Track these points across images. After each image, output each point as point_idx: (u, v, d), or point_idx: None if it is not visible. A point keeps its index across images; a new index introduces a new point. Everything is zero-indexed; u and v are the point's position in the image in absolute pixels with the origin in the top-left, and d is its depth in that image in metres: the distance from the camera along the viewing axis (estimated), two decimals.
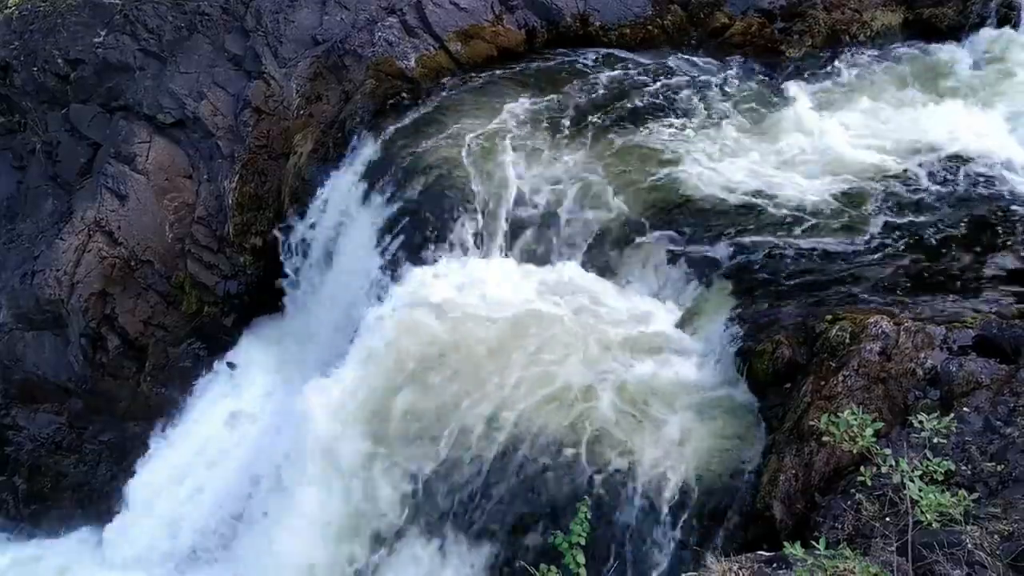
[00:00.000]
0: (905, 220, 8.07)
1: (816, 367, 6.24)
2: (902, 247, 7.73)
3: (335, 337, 9.36)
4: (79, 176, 11.94)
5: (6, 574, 10.86)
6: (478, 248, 8.69)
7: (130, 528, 10.36)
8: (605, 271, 8.29)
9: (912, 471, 3.24)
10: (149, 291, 11.52)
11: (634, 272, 8.16)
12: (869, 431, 3.30)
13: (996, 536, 4.21)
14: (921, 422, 3.36)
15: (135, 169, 11.47)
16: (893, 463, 3.20)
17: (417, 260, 8.69)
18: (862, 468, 3.37)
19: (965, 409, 5.48)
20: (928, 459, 3.34)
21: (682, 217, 8.36)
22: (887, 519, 4.65)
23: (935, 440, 3.31)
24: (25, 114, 12.73)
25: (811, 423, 5.61)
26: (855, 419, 3.31)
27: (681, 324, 7.54)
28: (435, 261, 8.58)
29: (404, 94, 10.82)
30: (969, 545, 4.04)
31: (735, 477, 6.28)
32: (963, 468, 5.01)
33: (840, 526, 5.08)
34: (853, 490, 5.23)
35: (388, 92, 10.87)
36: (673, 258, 7.99)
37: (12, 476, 11.91)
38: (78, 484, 11.59)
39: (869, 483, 3.40)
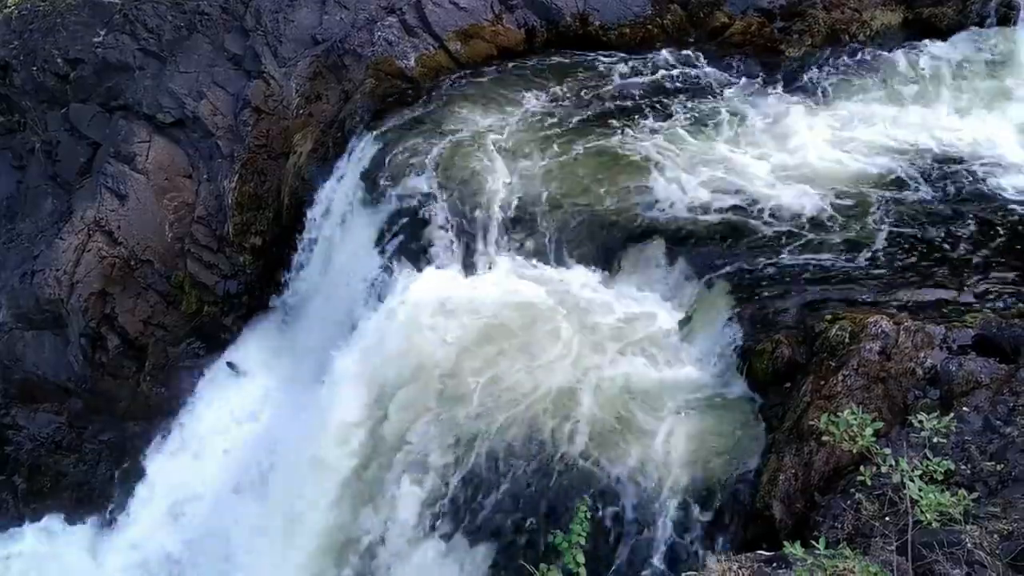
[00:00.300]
0: (905, 220, 8.06)
1: (816, 366, 6.24)
2: (902, 247, 7.72)
3: (334, 336, 9.34)
4: (79, 176, 11.94)
5: (6, 572, 10.86)
6: (470, 250, 8.69)
7: None
8: (603, 271, 8.27)
9: (912, 471, 3.24)
10: (149, 291, 11.52)
11: (633, 272, 8.15)
12: (869, 431, 3.30)
13: (996, 535, 4.22)
14: (921, 422, 3.36)
15: (135, 169, 11.47)
16: (893, 463, 3.20)
17: (410, 262, 8.70)
18: (862, 468, 3.37)
19: (965, 408, 5.48)
20: (928, 459, 3.34)
21: (680, 217, 8.34)
22: (887, 519, 4.65)
23: (935, 440, 3.30)
24: (25, 113, 12.73)
25: (811, 422, 5.61)
26: (855, 419, 3.31)
27: (681, 323, 7.53)
28: (426, 265, 8.59)
29: (403, 93, 10.82)
30: (969, 544, 4.04)
31: (734, 476, 6.27)
32: (963, 467, 5.01)
33: (840, 526, 5.08)
34: (853, 490, 5.24)
35: (388, 91, 10.87)
36: (672, 258, 7.97)
37: (12, 475, 11.90)
38: (78, 483, 11.58)
39: (869, 483, 3.40)
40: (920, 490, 3.22)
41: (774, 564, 3.76)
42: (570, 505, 6.38)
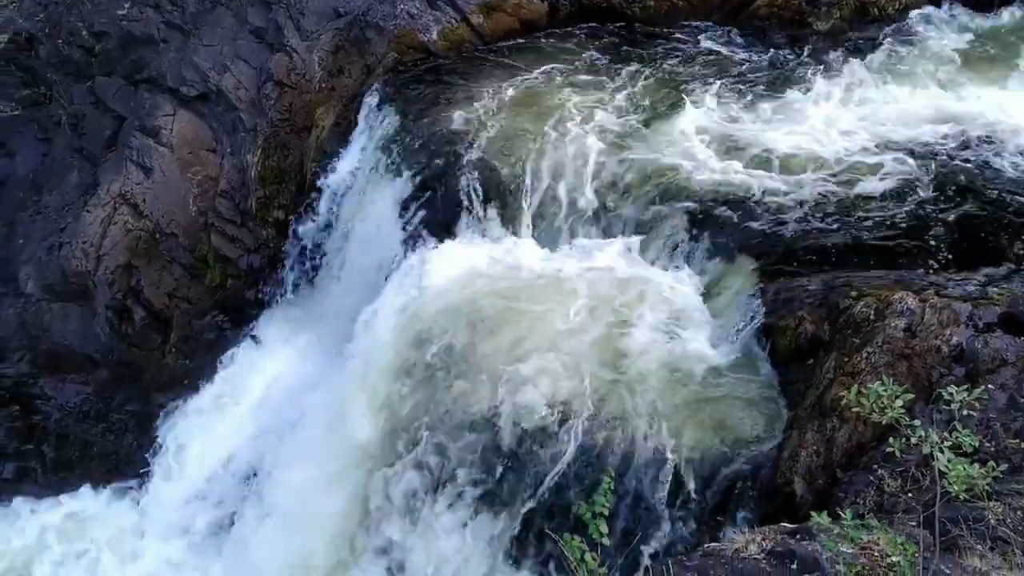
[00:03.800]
0: (934, 197, 7.95)
1: (839, 343, 6.22)
2: (929, 223, 7.63)
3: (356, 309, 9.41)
4: (104, 149, 12.03)
5: (40, 541, 11.04)
6: (492, 224, 8.70)
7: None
8: (626, 245, 8.24)
9: (942, 442, 3.25)
10: (173, 264, 11.64)
11: (655, 247, 8.13)
12: (899, 402, 3.30)
13: (1019, 512, 4.22)
14: (951, 394, 3.35)
15: (160, 142, 11.55)
16: (923, 434, 3.20)
17: (432, 235, 8.73)
18: (891, 439, 3.38)
19: (990, 386, 5.45)
20: (957, 431, 3.34)
21: (702, 192, 8.30)
22: (910, 495, 4.66)
23: (964, 412, 3.31)
24: (50, 86, 12.80)
25: (838, 395, 5.61)
26: (885, 390, 3.32)
27: (703, 299, 7.52)
28: (448, 237, 8.62)
29: (426, 67, 10.80)
30: (992, 521, 4.04)
31: (755, 452, 6.29)
32: (987, 444, 5.00)
33: (862, 502, 5.10)
34: (875, 466, 5.26)
35: (410, 65, 10.86)
36: (695, 234, 7.94)
37: (40, 445, 12.10)
38: (106, 453, 11.77)
39: (898, 454, 3.41)
40: (949, 461, 3.23)
41: (797, 536, 3.79)
42: (590, 478, 6.45)
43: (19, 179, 12.55)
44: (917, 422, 3.25)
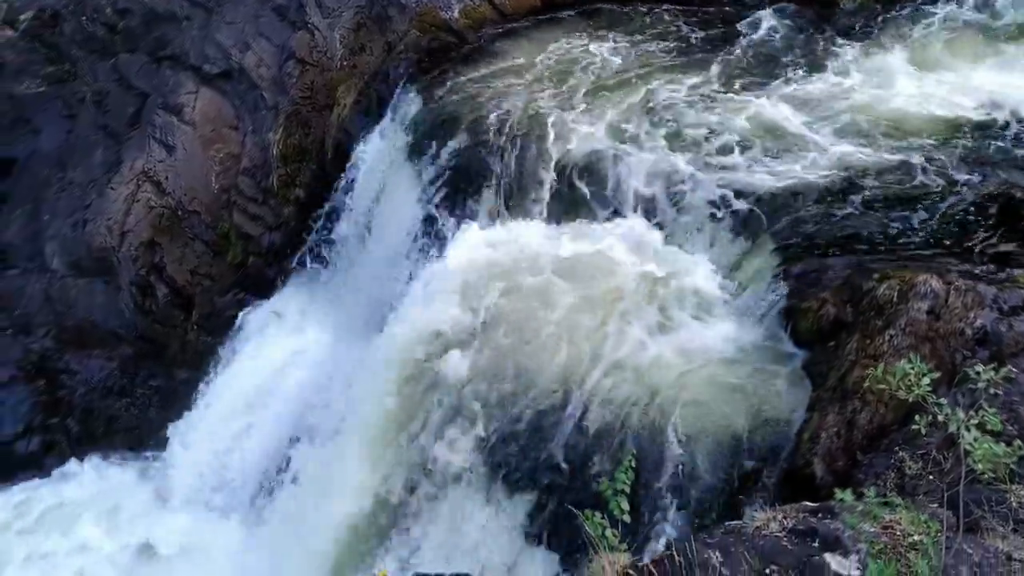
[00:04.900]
0: (961, 177, 7.86)
1: (862, 325, 6.19)
2: (956, 204, 7.55)
3: (380, 289, 9.46)
4: (128, 126, 12.12)
5: (59, 512, 11.23)
6: (517, 204, 8.69)
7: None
8: (649, 227, 8.23)
9: (968, 420, 3.24)
10: (196, 241, 11.73)
11: (678, 228, 8.10)
12: (925, 380, 3.29)
13: None
14: (978, 372, 3.34)
15: (182, 120, 11.61)
16: (949, 412, 3.20)
17: (458, 217, 8.73)
18: (917, 417, 3.38)
19: (1014, 369, 5.41)
20: (984, 409, 3.34)
21: (729, 173, 8.25)
22: (931, 477, 4.65)
23: (991, 391, 3.30)
24: (75, 63, 12.90)
25: (858, 379, 5.59)
26: (912, 368, 3.31)
27: (726, 280, 7.50)
28: (473, 219, 8.62)
29: (447, 45, 10.78)
30: (1015, 503, 4.03)
31: (776, 434, 6.29)
32: (1009, 428, 4.97)
33: (883, 483, 5.09)
34: (897, 448, 5.24)
35: (431, 43, 10.84)
36: (718, 215, 7.91)
37: (65, 419, 12.26)
38: (129, 427, 11.92)
39: (924, 432, 3.41)
40: (975, 439, 3.22)
41: (819, 514, 3.79)
42: (611, 457, 6.47)
43: (44, 156, 12.67)
44: (943, 400, 3.24)
